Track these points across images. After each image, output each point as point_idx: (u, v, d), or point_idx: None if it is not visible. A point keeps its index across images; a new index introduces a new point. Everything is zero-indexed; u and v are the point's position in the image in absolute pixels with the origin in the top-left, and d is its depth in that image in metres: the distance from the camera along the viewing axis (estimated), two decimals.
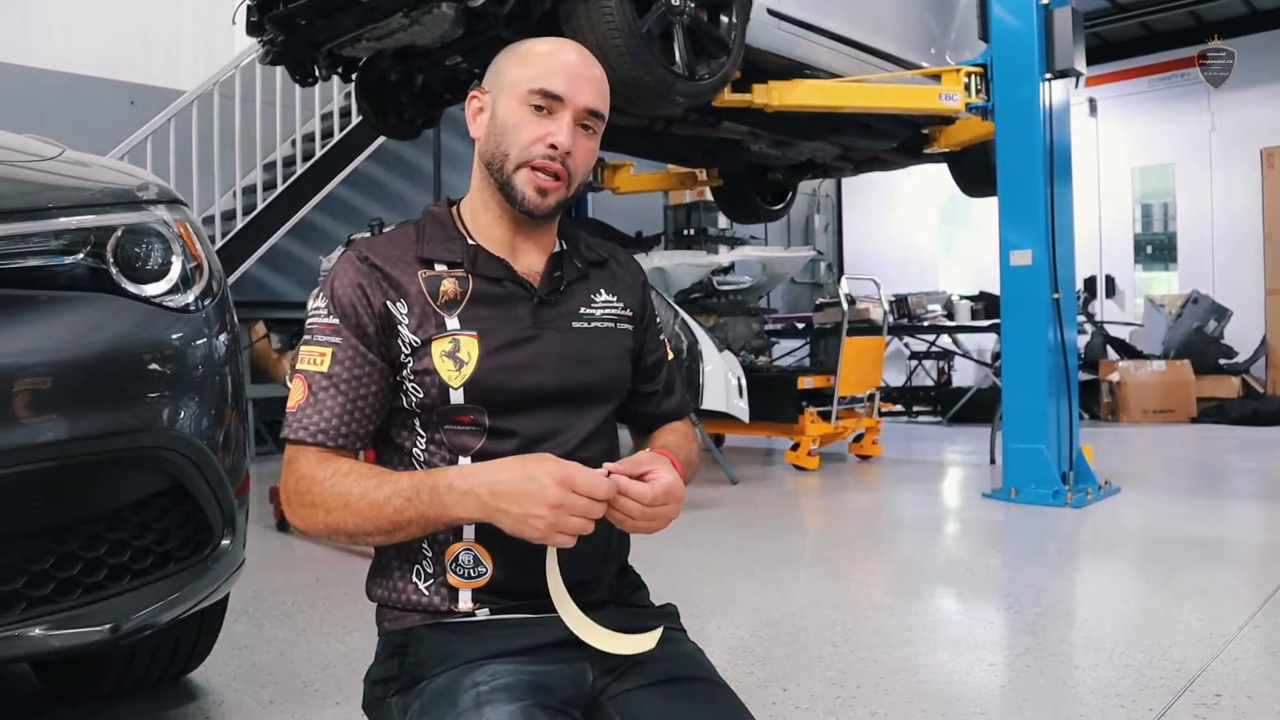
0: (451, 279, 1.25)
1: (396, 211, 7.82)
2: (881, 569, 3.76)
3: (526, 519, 1.07)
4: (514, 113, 1.23)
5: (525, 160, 1.23)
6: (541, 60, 1.25)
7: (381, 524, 1.14)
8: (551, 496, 1.06)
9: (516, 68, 1.26)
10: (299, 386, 1.22)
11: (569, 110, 1.23)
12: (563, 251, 1.34)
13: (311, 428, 1.20)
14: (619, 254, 1.44)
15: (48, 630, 1.56)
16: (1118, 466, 5.94)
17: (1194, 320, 9.78)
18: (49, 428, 1.52)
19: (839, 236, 13.23)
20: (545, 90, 1.22)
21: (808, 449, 6.11)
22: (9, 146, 1.89)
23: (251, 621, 2.95)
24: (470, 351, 1.21)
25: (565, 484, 1.07)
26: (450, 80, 5.23)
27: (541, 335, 1.26)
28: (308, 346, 1.23)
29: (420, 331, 1.22)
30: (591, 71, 1.27)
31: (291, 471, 1.20)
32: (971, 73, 5.46)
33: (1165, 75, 11.04)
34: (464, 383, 1.21)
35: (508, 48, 1.31)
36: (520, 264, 1.29)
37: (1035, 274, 4.88)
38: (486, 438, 1.23)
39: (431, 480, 1.13)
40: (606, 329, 1.34)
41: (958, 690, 2.36)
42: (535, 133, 1.22)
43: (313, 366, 1.22)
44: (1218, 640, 2.64)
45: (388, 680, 1.23)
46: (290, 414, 1.21)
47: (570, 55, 1.26)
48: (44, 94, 6.68)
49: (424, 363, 1.21)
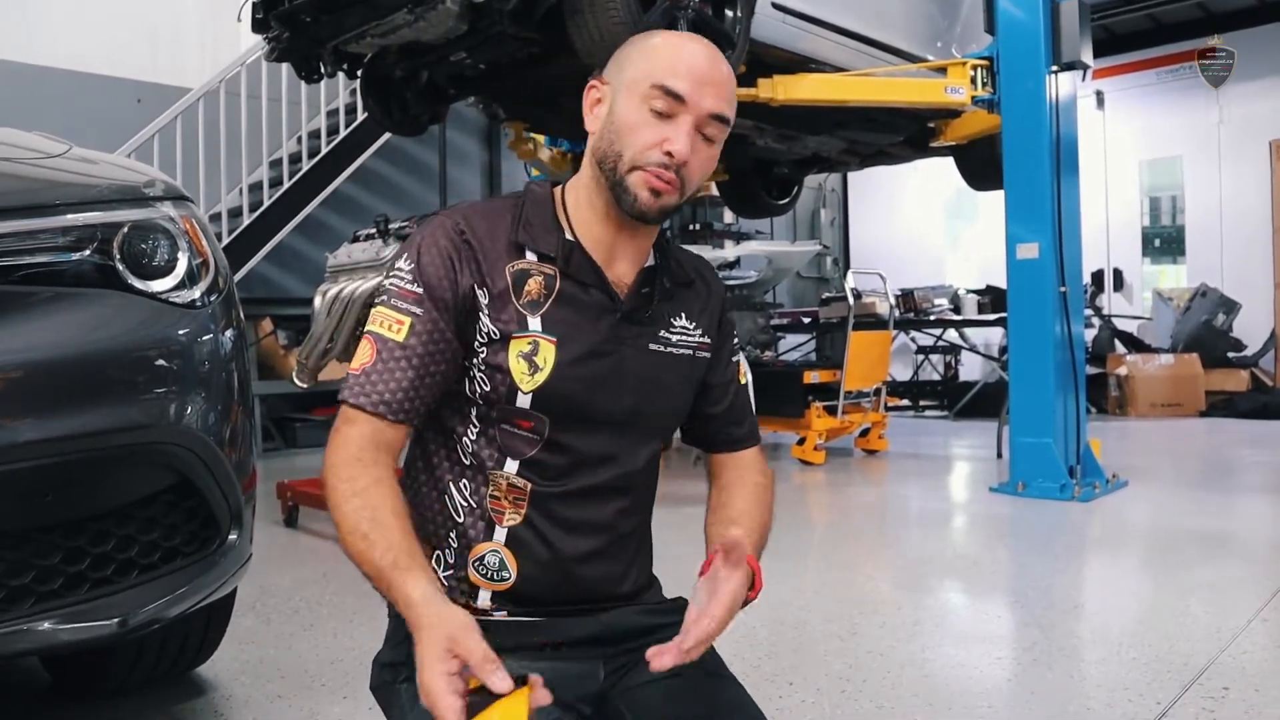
0: (540, 275, 1.20)
1: (403, 208, 7.82)
2: (888, 563, 3.75)
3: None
4: (632, 112, 1.17)
5: (639, 165, 1.17)
6: (666, 56, 1.18)
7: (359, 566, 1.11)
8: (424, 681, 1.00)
9: (639, 62, 1.19)
10: (367, 348, 1.17)
11: (690, 115, 1.16)
12: (655, 266, 1.29)
13: (375, 396, 1.15)
14: (706, 273, 1.39)
15: (56, 625, 1.56)
16: (1125, 460, 5.93)
17: (1202, 313, 9.74)
18: (56, 423, 1.53)
19: (845, 231, 13.20)
20: (667, 88, 1.15)
21: (814, 444, 6.11)
22: (16, 144, 1.90)
23: (259, 616, 2.96)
24: (547, 358, 1.17)
25: (426, 692, 0.99)
26: (455, 76, 5.23)
27: (618, 353, 1.22)
28: (385, 309, 1.18)
29: (501, 325, 1.18)
30: (719, 73, 1.19)
31: (341, 444, 1.15)
32: (977, 66, 5.44)
33: (1173, 67, 10.98)
34: (535, 389, 1.17)
35: (634, 38, 1.25)
36: (612, 270, 1.24)
37: (1042, 268, 4.86)
38: (541, 448, 1.20)
39: (389, 578, 1.07)
40: (681, 356, 1.29)
41: (965, 684, 2.36)
42: (652, 137, 1.16)
43: (387, 332, 1.16)
44: (1225, 634, 2.64)
45: (398, 665, 1.22)
46: (354, 376, 1.17)
47: (698, 54, 1.19)
48: (50, 92, 6.69)
49: (498, 358, 1.17)
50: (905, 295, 8.64)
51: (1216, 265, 10.51)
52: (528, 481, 1.20)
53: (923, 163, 8.50)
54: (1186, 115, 10.82)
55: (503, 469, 1.20)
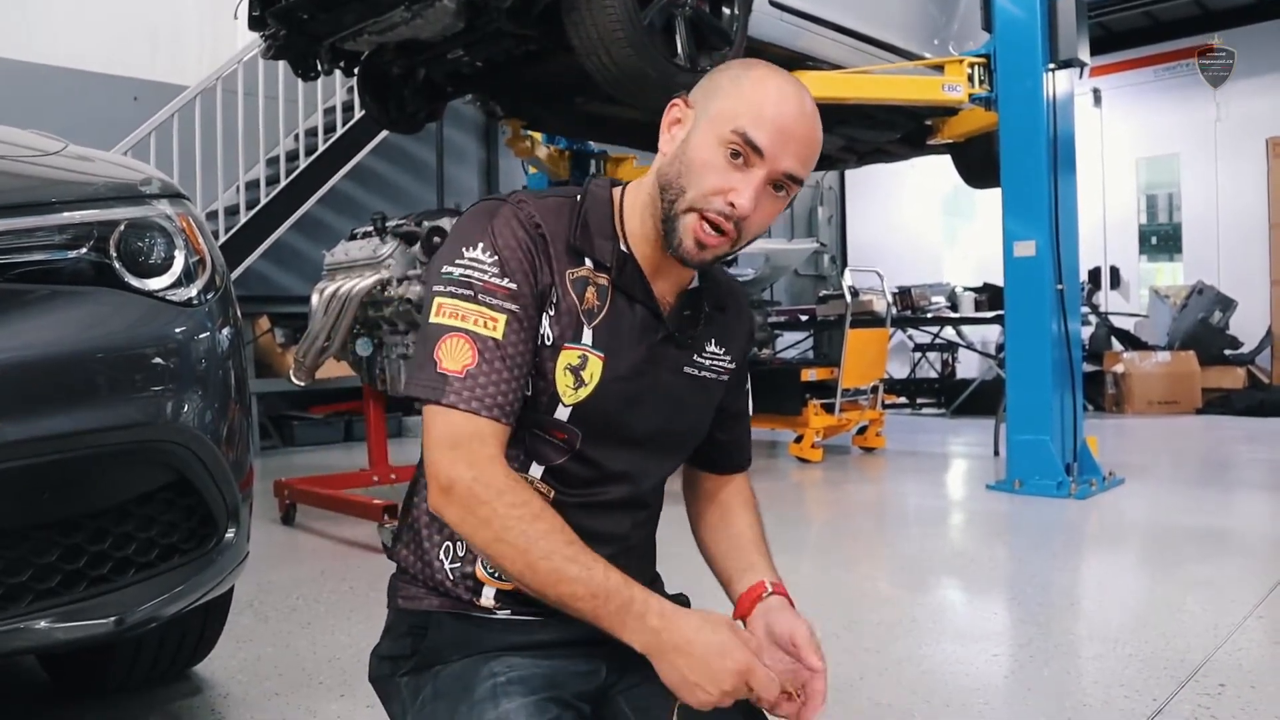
0: (595, 285, 1.16)
1: (400, 205, 7.82)
2: (885, 560, 3.76)
3: (694, 687, 1.03)
4: (707, 149, 1.11)
5: (699, 207, 1.11)
6: (756, 100, 1.10)
7: (545, 592, 1.06)
8: (727, 686, 1.02)
9: (729, 98, 1.12)
10: (464, 348, 1.09)
11: (765, 169, 1.10)
12: (698, 289, 1.26)
13: (488, 400, 1.08)
14: (739, 299, 1.36)
15: (53, 623, 1.56)
16: (1122, 458, 5.94)
17: (1199, 311, 9.76)
18: (53, 422, 1.52)
19: (842, 229, 13.21)
20: (749, 138, 1.09)
21: (811, 441, 6.11)
22: (12, 141, 1.89)
23: (256, 614, 2.96)
24: (594, 374, 1.15)
25: (744, 677, 1.03)
26: (453, 74, 5.22)
27: (654, 373, 1.21)
28: (471, 305, 1.10)
29: (557, 330, 1.14)
30: (807, 131, 1.12)
31: (467, 459, 1.07)
32: (975, 63, 5.44)
33: (1170, 65, 10.99)
34: (576, 403, 1.15)
35: (728, 65, 1.17)
36: (656, 286, 1.20)
37: (1039, 265, 4.87)
38: (569, 459, 1.18)
39: (625, 595, 1.05)
40: (709, 381, 1.29)
41: (962, 681, 2.36)
42: (721, 183, 1.10)
43: (483, 330, 1.09)
44: (1222, 631, 2.64)
45: (398, 658, 1.22)
46: (457, 379, 1.08)
47: (789, 107, 1.11)
48: (47, 89, 6.68)
49: (546, 365, 1.14)
50: (903, 293, 8.64)
51: (1213, 263, 10.53)
52: (550, 489, 1.19)
53: (920, 160, 8.49)
54: (1184, 113, 10.83)
55: (527, 472, 1.19)
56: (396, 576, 1.28)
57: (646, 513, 1.30)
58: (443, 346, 1.09)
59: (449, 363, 1.09)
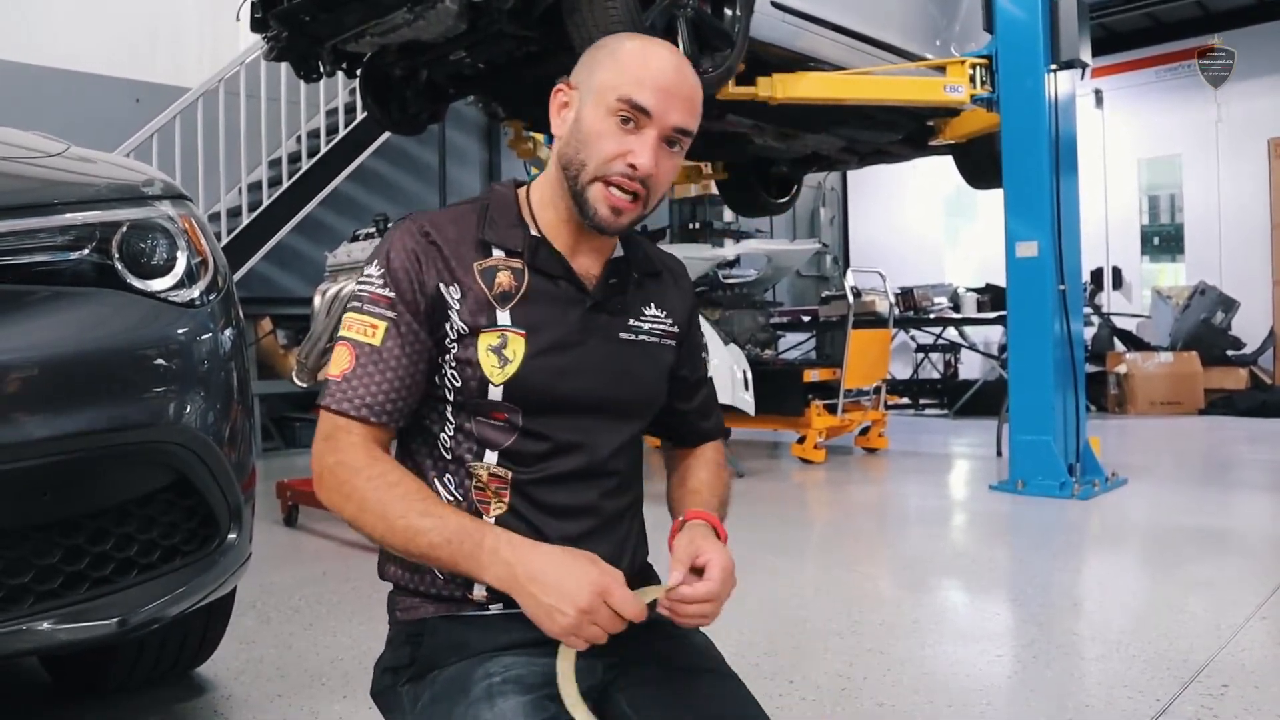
0: (508, 270, 1.22)
1: (402, 207, 7.83)
2: (888, 561, 3.75)
3: (551, 612, 1.06)
4: (598, 121, 1.18)
5: (602, 175, 1.18)
6: (635, 67, 1.18)
7: (409, 549, 1.13)
8: (583, 602, 1.05)
9: (608, 71, 1.19)
10: (345, 355, 1.19)
11: (656, 128, 1.18)
12: (622, 258, 1.31)
13: (357, 401, 1.17)
14: (674, 266, 1.41)
15: (55, 624, 1.56)
16: (1124, 458, 5.93)
17: (1201, 311, 9.75)
18: (55, 422, 1.53)
19: (844, 229, 13.21)
20: (634, 102, 1.16)
21: (814, 442, 6.11)
22: (14, 143, 1.90)
23: (259, 616, 2.96)
24: (516, 350, 1.19)
25: (600, 595, 1.06)
26: (455, 75, 5.23)
27: (588, 342, 1.24)
28: (359, 315, 1.19)
29: (470, 320, 1.19)
30: (686, 86, 1.20)
31: (332, 448, 1.17)
32: (976, 64, 5.45)
33: (1172, 66, 10.98)
34: (505, 381, 1.19)
35: (603, 43, 1.25)
36: (577, 264, 1.25)
37: (1041, 266, 4.86)
38: (517, 437, 1.21)
39: (477, 536, 1.11)
40: (651, 344, 1.31)
41: (964, 682, 2.36)
42: (617, 148, 1.17)
43: (363, 337, 1.18)
44: (1224, 631, 2.64)
45: (398, 669, 1.23)
46: (334, 383, 1.18)
47: (666, 66, 1.19)
48: (49, 92, 6.69)
49: (468, 353, 1.19)
50: (905, 293, 8.65)
51: (1215, 263, 10.52)
52: (508, 470, 1.22)
53: (922, 161, 8.50)
54: (1185, 114, 10.82)
55: (482, 460, 1.22)
56: (393, 591, 1.29)
57: (614, 481, 1.29)
58: (334, 355, 1.21)
59: (333, 369, 1.19)
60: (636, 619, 1.09)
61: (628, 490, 1.32)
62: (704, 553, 1.18)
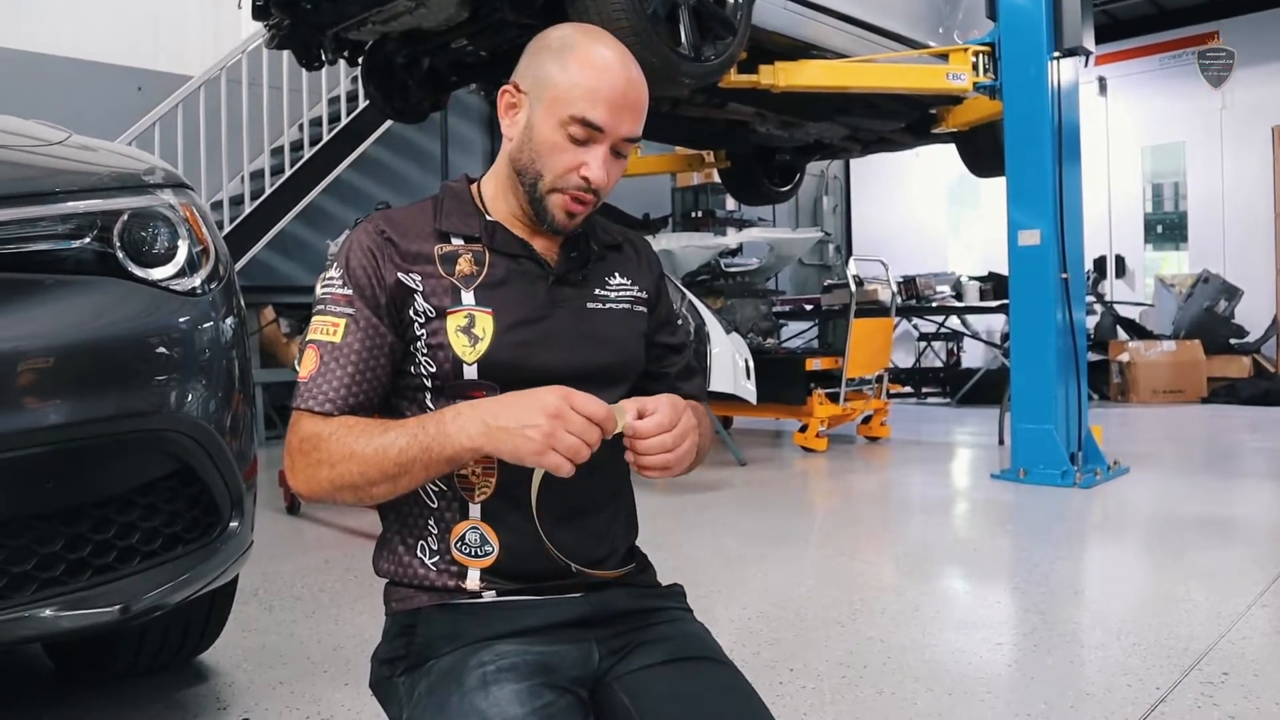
0: (469, 254, 1.24)
1: (404, 195, 7.83)
2: (889, 549, 3.76)
3: (523, 430, 1.06)
4: (551, 133, 1.20)
5: (559, 187, 1.22)
6: (587, 79, 1.19)
7: (386, 469, 1.13)
8: (550, 406, 1.06)
9: (557, 82, 1.20)
10: (311, 357, 1.21)
11: (608, 141, 1.21)
12: (579, 234, 1.33)
13: (320, 397, 1.19)
14: (634, 238, 1.43)
15: (58, 611, 1.57)
16: (1127, 447, 5.93)
17: (1204, 300, 9.74)
18: (57, 411, 1.53)
19: (847, 218, 13.19)
20: (587, 121, 1.19)
21: (816, 431, 6.11)
22: (15, 131, 1.90)
23: (261, 603, 2.97)
24: (485, 328, 1.21)
25: (563, 398, 1.08)
26: (457, 63, 5.22)
27: (556, 314, 1.26)
28: (321, 316, 1.22)
29: (436, 303, 1.21)
30: (634, 95, 1.23)
31: (295, 432, 1.20)
32: (979, 52, 5.43)
33: (1176, 53, 10.95)
34: (478, 359, 1.20)
35: (546, 42, 1.25)
36: (536, 244, 1.28)
37: (1044, 254, 4.86)
38: None
39: (436, 416, 1.14)
40: (621, 311, 1.33)
41: (965, 669, 2.37)
42: (570, 161, 1.21)
43: (325, 337, 1.21)
44: (1225, 619, 2.64)
45: (394, 660, 1.24)
46: (301, 384, 1.21)
47: (617, 79, 1.21)
48: (51, 80, 6.69)
49: (438, 336, 1.21)
50: (907, 282, 8.63)
51: (1219, 251, 10.50)
52: None
53: (925, 149, 8.50)
54: (1189, 101, 10.79)
55: None
56: (388, 584, 1.30)
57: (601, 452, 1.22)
58: (302, 359, 1.23)
59: (302, 371, 1.22)
60: (604, 420, 1.09)
61: (609, 466, 1.28)
62: (652, 402, 1.17)
